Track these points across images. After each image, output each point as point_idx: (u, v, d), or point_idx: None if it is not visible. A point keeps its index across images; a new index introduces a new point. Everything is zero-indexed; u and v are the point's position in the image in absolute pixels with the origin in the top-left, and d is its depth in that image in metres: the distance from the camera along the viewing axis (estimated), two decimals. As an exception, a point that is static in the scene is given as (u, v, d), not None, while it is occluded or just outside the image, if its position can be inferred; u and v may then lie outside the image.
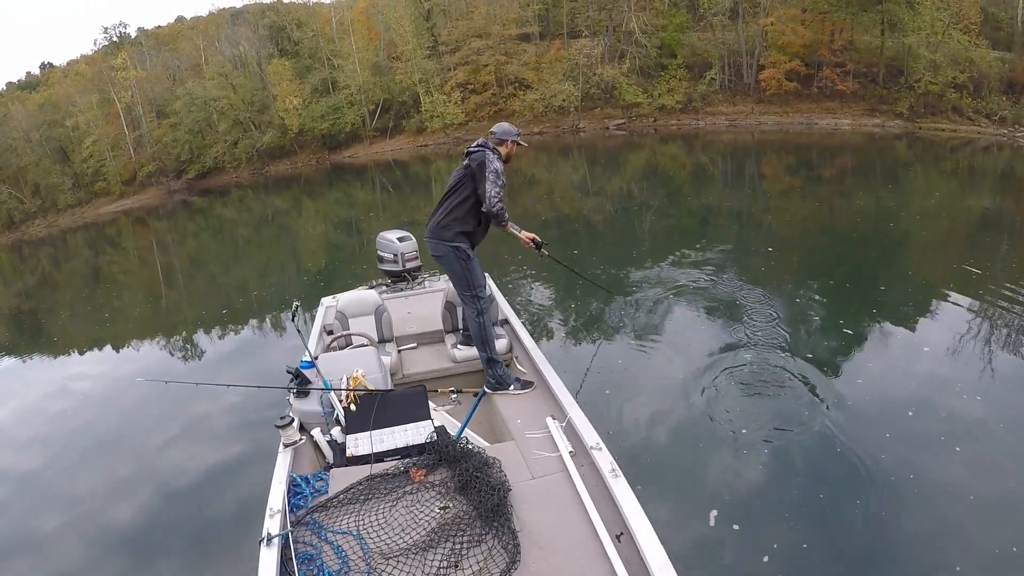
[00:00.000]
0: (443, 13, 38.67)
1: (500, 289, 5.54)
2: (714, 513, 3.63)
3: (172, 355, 8.68)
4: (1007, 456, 4.03)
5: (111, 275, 17.90)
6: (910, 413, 4.57)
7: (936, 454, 4.10)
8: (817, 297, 7.26)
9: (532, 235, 4.18)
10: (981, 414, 4.53)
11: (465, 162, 3.80)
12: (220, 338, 8.96)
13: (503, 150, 3.92)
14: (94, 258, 22.39)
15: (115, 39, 44.90)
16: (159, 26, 48.47)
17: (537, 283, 8.61)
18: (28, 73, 52.52)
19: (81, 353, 9.61)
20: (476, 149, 3.80)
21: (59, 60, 59.94)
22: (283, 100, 35.66)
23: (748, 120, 29.07)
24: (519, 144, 4.04)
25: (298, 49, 39.63)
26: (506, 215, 3.81)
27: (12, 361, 10.09)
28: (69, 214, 37.12)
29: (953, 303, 6.70)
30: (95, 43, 56.04)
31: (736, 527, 3.54)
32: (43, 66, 51.82)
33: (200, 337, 9.21)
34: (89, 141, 38.15)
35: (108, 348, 9.54)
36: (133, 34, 46.20)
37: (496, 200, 3.70)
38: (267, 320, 9.36)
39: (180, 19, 49.74)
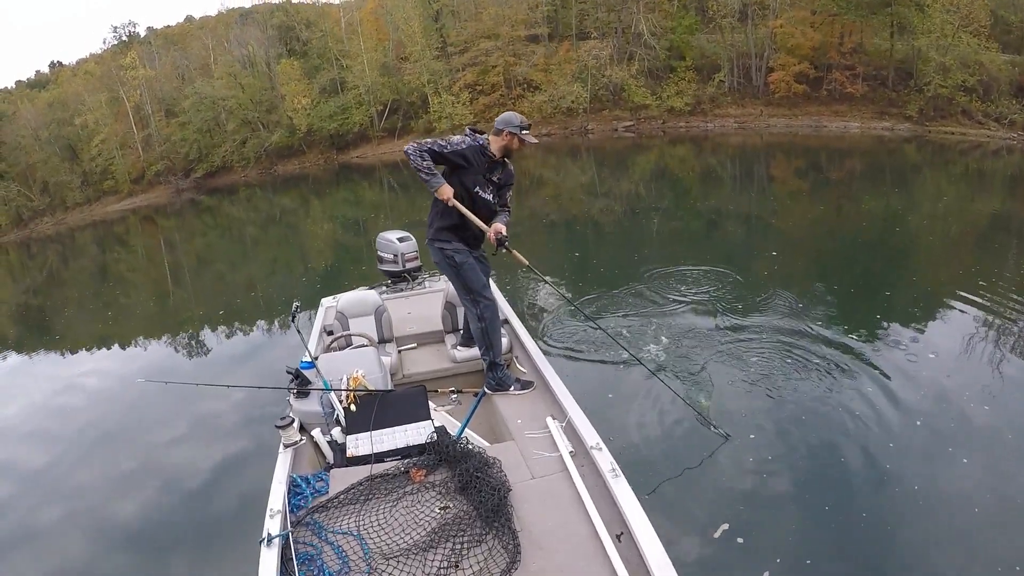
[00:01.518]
0: (452, 14, 38.72)
1: (499, 288, 5.52)
2: (724, 527, 3.57)
3: (175, 353, 8.73)
4: (1016, 468, 3.96)
5: (118, 273, 18.00)
6: (917, 423, 4.50)
7: (943, 465, 4.03)
8: (822, 302, 7.19)
9: (500, 228, 3.62)
10: (989, 424, 4.45)
11: None
12: (223, 337, 9.00)
13: (499, 141, 3.55)
14: (101, 256, 22.50)
15: (124, 38, 45.22)
16: (168, 25, 48.96)
17: (537, 284, 8.58)
18: (37, 71, 53.24)
19: (87, 350, 9.64)
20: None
21: (68, 59, 60.59)
22: (291, 100, 35.77)
23: (757, 122, 28.93)
24: (521, 139, 3.53)
25: (307, 49, 39.78)
26: (417, 166, 3.41)
27: (19, 357, 10.17)
28: (77, 212, 37.37)
29: (960, 310, 6.62)
30: (104, 42, 56.79)
31: (740, 540, 3.49)
32: (52, 64, 52.39)
33: (203, 336, 9.25)
34: (98, 139, 38.35)
35: (113, 346, 9.59)
36: (142, 33, 46.61)
37: (408, 148, 3.43)
38: (269, 320, 9.38)
39: (189, 19, 50.17)
